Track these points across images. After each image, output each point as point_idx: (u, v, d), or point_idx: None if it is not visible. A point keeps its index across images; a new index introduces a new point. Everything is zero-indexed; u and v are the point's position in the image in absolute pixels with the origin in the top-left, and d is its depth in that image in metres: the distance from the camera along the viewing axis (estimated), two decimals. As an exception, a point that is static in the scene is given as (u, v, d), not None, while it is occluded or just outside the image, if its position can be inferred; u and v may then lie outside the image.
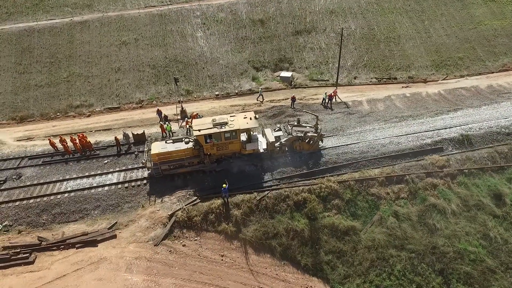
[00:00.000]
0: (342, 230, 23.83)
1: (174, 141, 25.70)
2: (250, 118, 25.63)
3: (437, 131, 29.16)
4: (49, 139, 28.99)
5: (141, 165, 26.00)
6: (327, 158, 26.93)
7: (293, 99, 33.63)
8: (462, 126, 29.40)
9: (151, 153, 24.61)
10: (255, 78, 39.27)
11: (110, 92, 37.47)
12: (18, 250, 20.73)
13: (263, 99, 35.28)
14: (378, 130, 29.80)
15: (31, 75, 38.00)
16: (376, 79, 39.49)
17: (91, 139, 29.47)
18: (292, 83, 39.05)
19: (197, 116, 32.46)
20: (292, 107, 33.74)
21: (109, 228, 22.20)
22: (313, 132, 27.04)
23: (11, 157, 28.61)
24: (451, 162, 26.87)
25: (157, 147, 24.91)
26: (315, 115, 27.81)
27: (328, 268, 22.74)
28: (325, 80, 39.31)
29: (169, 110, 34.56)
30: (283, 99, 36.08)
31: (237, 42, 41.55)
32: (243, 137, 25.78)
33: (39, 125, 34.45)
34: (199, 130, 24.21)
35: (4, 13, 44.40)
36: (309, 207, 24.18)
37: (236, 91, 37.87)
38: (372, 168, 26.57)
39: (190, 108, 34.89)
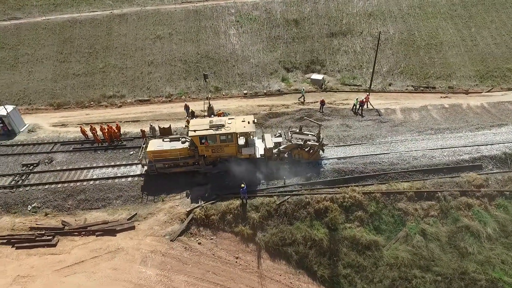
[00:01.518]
0: (363, 244, 22.71)
1: (171, 140, 25.21)
2: (248, 122, 24.87)
3: (476, 147, 27.08)
4: (80, 127, 30.03)
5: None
6: (353, 167, 25.78)
7: (322, 102, 32.62)
8: (506, 144, 27.10)
9: (147, 150, 24.43)
10: (284, 79, 38.58)
11: (141, 85, 38.28)
12: (43, 232, 21.56)
13: (304, 100, 34.64)
14: (411, 142, 28.17)
15: (70, 64, 39.62)
16: (413, 87, 37.48)
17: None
18: (323, 86, 37.97)
19: (223, 114, 32.36)
20: (321, 111, 32.75)
21: (128, 219, 22.55)
22: (314, 141, 25.90)
23: (45, 141, 29.90)
24: (490, 182, 24.83)
25: (154, 145, 24.63)
26: (318, 124, 26.54)
27: (345, 282, 21.76)
28: (358, 85, 37.87)
29: (197, 106, 34.69)
30: (312, 102, 35.13)
31: (269, 42, 41.01)
32: (241, 140, 25.18)
33: (74, 112, 35.83)
34: (194, 131, 23.74)
35: (51, 4, 46.61)
36: (330, 216, 23.25)
37: (265, 91, 37.38)
38: (401, 181, 25.11)
39: (217, 105, 34.83)
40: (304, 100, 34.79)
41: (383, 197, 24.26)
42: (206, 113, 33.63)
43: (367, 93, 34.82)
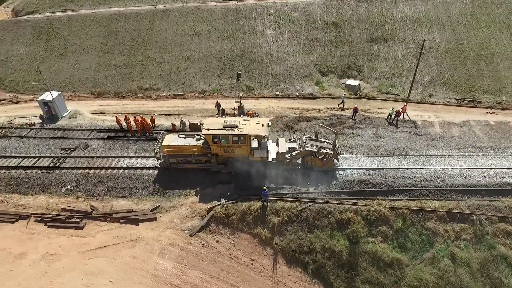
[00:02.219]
0: (385, 261, 21.71)
1: (186, 136, 25.50)
2: (262, 125, 24.46)
3: (522, 170, 24.92)
4: (116, 116, 31.36)
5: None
6: (382, 179, 24.70)
7: (356, 110, 31.56)
8: (557, 170, 24.69)
9: (161, 144, 24.83)
10: (318, 83, 37.81)
11: (177, 79, 39.26)
12: (73, 214, 22.78)
13: (343, 106, 33.80)
14: (448, 158, 26.48)
15: (112, 56, 41.51)
16: (456, 100, 35.19)
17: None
18: (358, 92, 36.75)
19: (252, 114, 32.35)
20: (353, 118, 31.71)
21: (151, 210, 23.21)
22: (329, 149, 25.00)
23: (83, 128, 31.60)
24: (534, 210, 22.74)
25: (169, 140, 24.97)
26: (334, 132, 25.54)
27: (362, 299, 20.94)
28: (395, 94, 36.23)
29: (228, 104, 34.97)
30: (345, 108, 34.11)
31: (306, 44, 40.37)
32: (255, 143, 24.90)
33: (112, 102, 37.52)
34: (208, 129, 23.81)
35: (101, -3, 49.17)
36: (353, 228, 22.45)
37: (297, 94, 36.87)
38: (433, 200, 23.68)
39: (248, 104, 34.90)
40: (343, 107, 33.77)
41: (412, 214, 23.02)
42: (236, 112, 33.85)
43: (405, 103, 33.20)
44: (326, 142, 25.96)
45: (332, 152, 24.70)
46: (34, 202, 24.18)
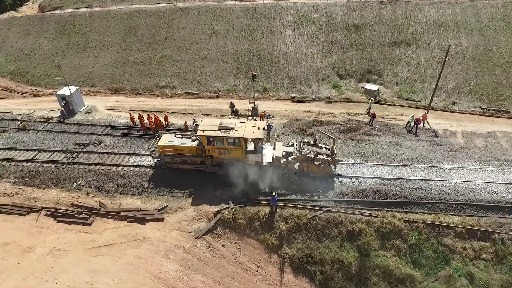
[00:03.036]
0: (397, 276, 20.75)
1: (183, 136, 25.35)
2: (258, 128, 23.84)
3: (552, 188, 23.25)
4: (130, 114, 31.48)
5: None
6: (397, 190, 23.61)
7: (373, 116, 30.42)
8: None
9: (158, 143, 24.72)
10: (336, 86, 36.80)
11: (192, 78, 39.15)
12: (82, 210, 22.91)
13: (369, 110, 32.56)
14: (470, 171, 25.06)
15: (131, 52, 41.86)
16: (481, 109, 33.40)
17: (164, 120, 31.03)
18: (377, 97, 35.51)
19: (266, 116, 31.80)
20: (370, 124, 30.59)
21: (159, 210, 23.05)
22: (327, 155, 24.06)
23: (98, 123, 31.90)
24: None
25: (165, 139, 24.89)
26: (332, 138, 24.56)
27: (370, 315, 20.04)
28: (416, 101, 34.78)
29: (242, 105, 34.54)
30: (362, 114, 33.02)
31: (325, 46, 39.39)
32: (251, 146, 24.38)
33: (128, 98, 37.81)
34: (203, 130, 23.41)
35: (123, -6, 49.72)
36: (364, 240, 21.54)
37: (313, 97, 36.01)
38: (451, 214, 22.45)
39: (262, 106, 34.36)
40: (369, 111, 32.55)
41: (427, 228, 21.88)
42: (250, 113, 33.37)
43: (426, 111, 31.78)
44: (325, 147, 25.19)
45: (329, 159, 23.85)
46: (46, 195, 24.51)
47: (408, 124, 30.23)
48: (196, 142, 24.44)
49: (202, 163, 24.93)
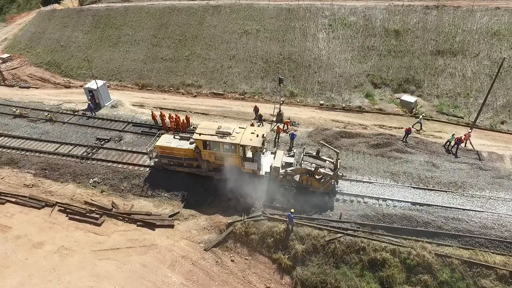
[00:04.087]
0: (422, 317, 18.47)
1: (181, 138, 24.75)
2: (257, 136, 22.44)
3: None
4: (152, 112, 31.03)
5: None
6: (430, 218, 21.16)
7: (408, 131, 27.81)
8: None
9: (155, 144, 24.13)
10: (369, 95, 34.31)
11: (219, 78, 38.22)
12: (94, 209, 22.55)
13: (421, 127, 29.86)
14: (518, 203, 22.06)
15: (160, 49, 41.66)
16: (535, 131, 29.68)
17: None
18: (414, 110, 32.66)
19: (290, 123, 30.17)
20: (404, 140, 28.01)
21: (170, 216, 22.21)
22: (330, 169, 22.09)
23: (121, 119, 31.76)
24: None
25: (163, 140, 24.43)
26: (335, 151, 22.50)
27: None
28: (458, 117, 31.56)
29: (267, 109, 33.11)
30: (395, 128, 30.44)
31: (360, 51, 36.93)
32: (249, 153, 23.04)
33: (153, 95, 37.57)
34: (199, 134, 22.51)
35: (159, -11, 49.77)
36: (388, 272, 19.40)
37: (343, 105, 33.80)
38: (493, 253, 19.71)
39: (288, 112, 32.73)
40: (420, 128, 29.78)
41: (463, 266, 19.34)
42: (274, 119, 31.87)
43: (469, 129, 28.68)
44: (329, 161, 23.27)
45: (331, 173, 21.96)
46: (62, 190, 24.48)
47: (448, 143, 27.35)
48: (194, 145, 23.68)
49: (198, 167, 24.14)
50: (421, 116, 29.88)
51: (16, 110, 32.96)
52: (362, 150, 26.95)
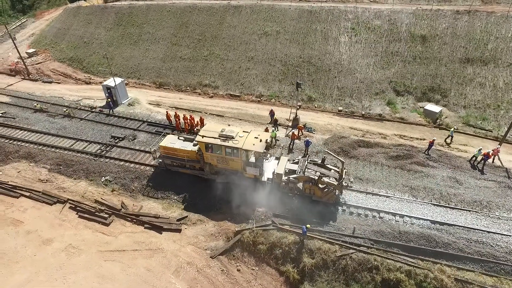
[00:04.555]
0: None
1: (185, 140, 24.56)
2: (260, 140, 21.91)
3: None
4: (166, 112, 30.88)
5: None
6: (450, 239, 19.83)
7: (431, 143, 26.33)
8: None
9: (159, 144, 24.02)
10: (391, 103, 32.89)
11: (236, 79, 37.73)
12: (103, 208, 22.52)
13: (451, 141, 28.09)
14: (549, 229, 20.35)
15: (179, 48, 41.62)
16: None
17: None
18: (438, 121, 31.04)
19: (305, 129, 29.30)
20: (427, 153, 26.54)
21: (178, 220, 21.87)
22: (335, 179, 21.17)
23: (136, 118, 31.81)
24: None
25: (167, 140, 24.31)
26: (340, 160, 21.41)
27: None
28: (486, 130, 29.72)
29: (283, 113, 32.35)
30: (416, 139, 28.98)
31: (383, 57, 35.49)
32: (252, 158, 22.51)
33: (170, 94, 37.52)
34: (202, 136, 22.31)
35: (181, -12, 49.80)
36: (401, 294, 18.30)
37: (363, 112, 32.55)
38: (519, 281, 18.24)
39: (305, 117, 31.84)
40: (451, 142, 28.02)
41: (485, 293, 17.97)
42: (290, 123, 31.07)
43: (498, 144, 26.89)
44: (334, 170, 22.37)
45: (335, 183, 21.07)
46: (75, 187, 24.64)
47: (474, 158, 25.71)
48: (197, 147, 23.41)
49: (201, 169, 23.91)
50: (452, 129, 28.08)
51: (37, 104, 33.66)
52: (380, 161, 25.75)
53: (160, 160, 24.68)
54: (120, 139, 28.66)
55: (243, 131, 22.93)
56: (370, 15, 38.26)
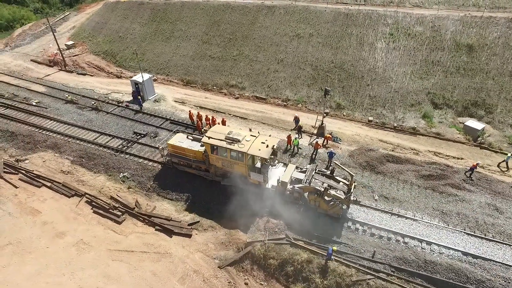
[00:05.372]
0: None
1: (194, 139, 24.27)
2: (267, 146, 21.07)
3: None
4: (189, 111, 30.57)
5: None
6: (485, 276, 17.66)
7: (474, 167, 23.71)
8: None
9: (168, 142, 23.98)
10: (427, 116, 30.44)
11: (263, 81, 36.77)
12: (118, 205, 22.46)
13: (507, 168, 25.34)
14: None
15: (209, 46, 41.31)
16: None
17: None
18: (479, 139, 28.27)
19: (331, 138, 27.76)
20: (468, 175, 23.96)
21: (189, 224, 21.32)
22: (343, 192, 19.85)
23: (161, 115, 31.79)
24: None
25: (176, 139, 24.21)
26: (349, 173, 19.88)
27: None
28: (537, 154, 26.58)
29: (309, 120, 30.99)
30: (453, 157, 26.52)
31: (423, 66, 32.97)
32: (259, 163, 22.09)
33: (196, 92, 37.29)
34: (208, 138, 21.96)
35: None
36: (421, 332, 16.52)
37: (395, 124, 30.39)
38: None
39: (332, 125, 30.27)
40: (507, 169, 25.26)
41: None
42: (315, 131, 29.65)
43: (549, 171, 23.91)
44: (343, 182, 20.88)
45: (342, 197, 19.71)
46: (94, 181, 24.88)
47: (518, 185, 23.01)
48: (204, 147, 22.90)
49: (206, 170, 23.51)
50: (509, 155, 25.23)
51: (68, 96, 34.67)
52: (410, 180, 23.73)
53: (167, 158, 24.59)
54: (142, 135, 28.68)
55: (251, 135, 22.27)
56: (412, 21, 35.76)
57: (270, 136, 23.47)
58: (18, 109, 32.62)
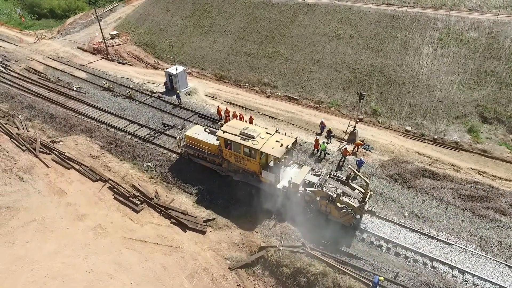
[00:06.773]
0: None
1: (210, 132, 24.12)
2: (281, 145, 20.33)
3: None
4: (218, 106, 30.29)
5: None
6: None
7: (519, 189, 21.21)
8: None
9: (185, 133, 24.01)
10: (473, 131, 27.69)
11: (297, 81, 35.65)
12: (138, 194, 22.64)
13: None
14: None
15: (246, 43, 40.87)
16: None
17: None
18: (533, 161, 25.18)
19: (363, 145, 26.14)
20: None
21: (204, 221, 20.95)
22: (356, 199, 18.51)
23: (191, 108, 31.86)
24: None
25: (193, 131, 24.29)
26: (366, 181, 18.24)
27: None
28: None
29: (341, 125, 29.49)
30: (500, 178, 23.82)
31: (474, 75, 30.07)
32: (272, 162, 21.51)
33: (228, 88, 37.03)
34: (223, 132, 21.67)
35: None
36: None
37: (435, 137, 27.99)
38: None
39: (364, 132, 28.55)
40: None
41: None
42: (346, 137, 28.11)
43: None
44: (358, 190, 19.44)
45: (356, 205, 18.35)
46: (119, 167, 25.36)
47: None
48: (219, 141, 22.46)
49: (220, 164, 23.13)
50: None
51: (106, 83, 35.88)
52: (446, 199, 21.61)
53: (184, 150, 24.62)
54: (170, 127, 28.85)
55: (267, 132, 21.66)
56: (465, 26, 32.79)
57: (285, 135, 22.64)
58: (60, 93, 34.29)
